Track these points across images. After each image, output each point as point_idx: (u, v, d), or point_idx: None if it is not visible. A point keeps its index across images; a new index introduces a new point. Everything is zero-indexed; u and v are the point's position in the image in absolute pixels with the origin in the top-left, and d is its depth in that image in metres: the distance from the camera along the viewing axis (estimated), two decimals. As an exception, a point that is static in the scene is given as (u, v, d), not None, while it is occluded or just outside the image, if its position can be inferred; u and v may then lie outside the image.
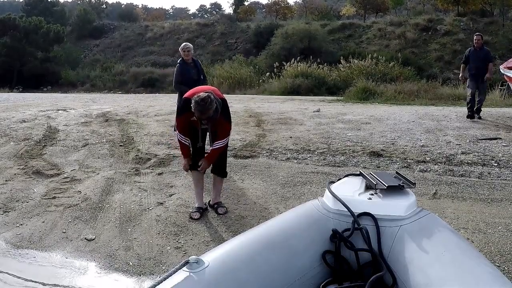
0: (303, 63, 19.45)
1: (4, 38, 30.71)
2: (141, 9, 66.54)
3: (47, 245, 3.36)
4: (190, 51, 5.84)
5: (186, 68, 5.82)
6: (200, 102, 3.21)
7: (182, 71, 5.79)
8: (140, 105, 11.18)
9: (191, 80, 5.59)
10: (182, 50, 5.87)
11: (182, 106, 3.68)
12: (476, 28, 25.45)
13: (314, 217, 1.90)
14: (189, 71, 5.82)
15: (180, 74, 5.78)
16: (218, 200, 3.98)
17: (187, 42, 6.05)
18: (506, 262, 3.02)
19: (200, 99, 3.22)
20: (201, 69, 6.00)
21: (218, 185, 4.02)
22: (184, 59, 5.86)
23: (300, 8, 48.10)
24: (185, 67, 5.83)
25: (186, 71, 5.80)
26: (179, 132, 3.75)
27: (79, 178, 4.93)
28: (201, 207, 3.89)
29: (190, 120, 3.59)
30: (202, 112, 3.25)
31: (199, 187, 3.94)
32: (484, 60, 7.92)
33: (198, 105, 3.22)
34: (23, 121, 7.93)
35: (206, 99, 3.22)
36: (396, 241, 1.73)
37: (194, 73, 5.82)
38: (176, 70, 5.86)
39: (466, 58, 8.16)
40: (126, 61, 33.61)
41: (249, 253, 1.67)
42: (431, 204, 4.10)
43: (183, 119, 3.70)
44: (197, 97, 3.24)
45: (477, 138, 6.47)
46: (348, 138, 6.49)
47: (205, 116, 3.29)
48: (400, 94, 13.86)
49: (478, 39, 8.07)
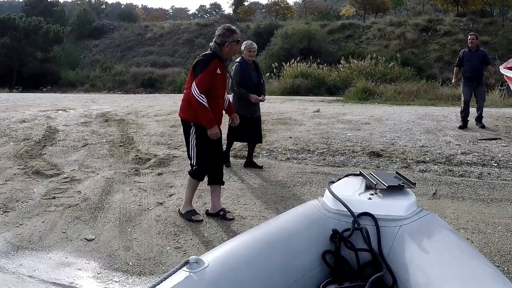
0: (303, 63, 19.46)
1: (4, 38, 30.71)
2: (141, 9, 66.62)
3: (47, 245, 3.36)
4: (255, 51, 5.15)
5: (247, 70, 5.06)
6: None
7: (242, 73, 5.02)
8: (139, 105, 11.18)
9: (252, 84, 5.04)
10: (247, 49, 5.05)
11: (208, 57, 3.54)
12: (475, 29, 25.48)
13: (314, 217, 1.90)
14: (250, 74, 5.06)
15: (240, 76, 4.97)
16: (222, 207, 3.89)
17: (251, 40, 5.27)
18: (506, 262, 3.02)
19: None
20: (260, 72, 5.36)
21: (219, 193, 3.92)
22: (245, 59, 5.08)
23: (299, 8, 48.17)
24: (245, 69, 5.05)
25: (247, 73, 5.05)
26: (201, 92, 3.45)
27: (79, 178, 4.93)
28: (195, 209, 3.87)
29: (215, 75, 3.53)
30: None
31: (193, 193, 3.89)
32: (480, 62, 7.28)
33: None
34: (23, 121, 7.93)
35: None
36: (396, 241, 1.73)
37: (254, 75, 5.12)
38: (235, 71, 4.99)
39: (460, 60, 7.46)
40: (125, 61, 33.64)
41: (249, 253, 1.67)
42: (431, 204, 4.10)
43: (210, 71, 3.49)
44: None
45: (476, 139, 6.48)
46: (347, 138, 6.50)
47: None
48: (400, 94, 13.87)
49: (473, 39, 7.35)
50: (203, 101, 3.46)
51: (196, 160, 3.66)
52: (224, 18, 41.07)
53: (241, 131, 4.95)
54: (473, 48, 7.32)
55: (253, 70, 5.12)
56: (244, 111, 4.91)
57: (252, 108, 5.07)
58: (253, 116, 5.10)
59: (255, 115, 5.15)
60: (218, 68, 3.56)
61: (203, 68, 3.49)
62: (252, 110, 5.08)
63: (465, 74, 7.36)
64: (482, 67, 7.35)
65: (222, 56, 3.59)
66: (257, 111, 5.20)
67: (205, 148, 3.63)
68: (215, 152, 3.71)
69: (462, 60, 7.38)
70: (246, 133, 5.10)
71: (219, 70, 3.58)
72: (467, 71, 7.29)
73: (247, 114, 4.96)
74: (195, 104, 3.48)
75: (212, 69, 3.52)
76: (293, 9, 45.34)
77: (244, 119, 4.79)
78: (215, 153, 3.72)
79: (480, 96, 7.36)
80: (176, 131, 7.23)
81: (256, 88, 5.07)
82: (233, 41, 3.58)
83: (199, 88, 3.45)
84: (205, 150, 3.64)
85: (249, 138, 5.25)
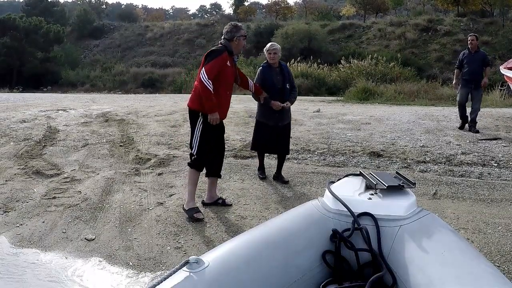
0: (303, 63, 19.47)
1: (4, 38, 30.74)
2: (141, 9, 66.61)
3: (47, 245, 3.36)
4: (276, 53, 4.65)
5: (270, 74, 4.66)
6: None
7: (264, 77, 4.66)
8: (140, 105, 11.18)
9: (274, 88, 4.60)
10: (268, 51, 4.69)
11: (220, 49, 3.74)
12: (476, 28, 25.51)
13: (314, 217, 1.90)
14: (272, 77, 4.65)
15: (261, 80, 4.64)
16: (218, 196, 4.17)
17: (274, 43, 4.85)
18: (506, 262, 3.02)
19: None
20: (288, 77, 4.75)
21: (215, 184, 4.16)
22: (269, 63, 4.70)
23: (300, 8, 48.17)
24: (268, 72, 4.67)
25: (269, 76, 4.65)
26: (209, 78, 3.60)
27: (79, 178, 4.93)
28: (197, 207, 3.94)
29: (225, 66, 3.70)
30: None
31: (195, 187, 3.96)
32: (480, 65, 7.13)
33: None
34: (23, 121, 7.93)
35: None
36: (396, 241, 1.73)
37: (278, 80, 4.65)
38: (257, 75, 4.75)
39: (460, 63, 7.31)
40: (126, 61, 33.65)
41: (249, 253, 1.67)
42: (431, 204, 4.10)
43: (220, 60, 3.68)
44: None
45: (477, 139, 6.48)
46: (348, 138, 6.50)
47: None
48: (400, 95, 13.88)
49: (473, 39, 7.22)
50: (210, 87, 3.59)
51: (197, 150, 3.80)
52: (225, 18, 41.08)
53: (265, 140, 4.68)
54: (473, 50, 7.19)
55: (277, 74, 4.66)
56: (267, 119, 4.64)
57: (276, 116, 4.60)
58: (277, 125, 4.63)
59: (280, 124, 4.65)
60: (228, 61, 3.75)
61: (215, 57, 3.67)
62: (276, 117, 4.61)
63: (463, 76, 7.21)
64: (482, 69, 7.19)
65: (233, 50, 3.81)
66: (283, 120, 4.68)
67: (208, 139, 3.80)
68: (216, 145, 3.92)
69: (462, 62, 7.24)
70: (270, 143, 4.70)
71: (229, 63, 3.77)
72: (466, 74, 7.15)
73: (269, 122, 4.62)
74: (201, 88, 3.61)
75: (223, 59, 3.70)
76: (293, 9, 45.35)
77: (268, 127, 4.60)
78: (217, 146, 3.93)
79: (477, 98, 7.17)
80: (176, 131, 7.23)
81: (280, 93, 4.60)
82: (241, 36, 3.80)
83: (208, 74, 3.60)
84: (208, 141, 3.80)
85: (273, 148, 4.82)
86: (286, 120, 4.71)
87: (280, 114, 4.62)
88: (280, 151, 4.82)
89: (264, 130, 4.61)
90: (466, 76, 7.15)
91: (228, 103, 3.96)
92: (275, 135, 4.65)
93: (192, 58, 33.05)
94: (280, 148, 4.77)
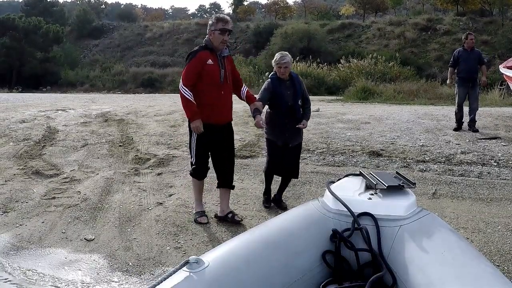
0: (303, 63, 19.46)
1: (4, 38, 30.70)
2: (141, 9, 66.57)
3: (47, 246, 3.36)
4: (288, 67, 3.84)
5: (279, 88, 3.86)
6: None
7: (272, 90, 3.85)
8: (139, 105, 11.18)
9: (284, 105, 3.86)
10: (277, 64, 3.84)
11: (196, 49, 3.53)
12: (475, 28, 25.52)
13: (314, 217, 1.90)
14: (282, 93, 3.85)
15: (270, 94, 3.85)
16: (230, 210, 3.78)
17: (285, 53, 3.92)
18: (506, 261, 3.02)
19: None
20: (300, 91, 3.94)
21: (227, 196, 3.81)
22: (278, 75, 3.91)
23: (299, 8, 48.15)
24: (277, 86, 3.86)
25: (279, 91, 3.85)
26: (185, 85, 3.44)
27: (79, 178, 4.93)
28: (204, 211, 3.85)
29: (203, 65, 3.44)
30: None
31: (201, 194, 3.85)
32: (475, 62, 7.05)
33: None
34: (22, 121, 7.93)
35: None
36: (396, 241, 1.73)
37: (289, 95, 3.86)
38: (263, 87, 3.94)
39: (455, 60, 7.19)
40: (125, 61, 33.62)
41: (249, 253, 1.67)
42: (430, 203, 4.10)
43: (195, 63, 3.45)
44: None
45: (476, 138, 6.48)
46: (347, 138, 6.50)
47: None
48: (400, 94, 13.88)
49: (472, 38, 7.13)
50: (187, 94, 3.43)
51: (194, 158, 3.65)
52: (224, 17, 40.96)
53: (274, 162, 4.01)
54: (469, 48, 7.11)
55: (288, 89, 3.88)
56: (275, 136, 3.94)
57: (285, 135, 3.90)
58: (287, 145, 3.93)
59: (291, 144, 3.94)
60: (209, 59, 3.46)
61: (189, 60, 3.49)
62: (286, 137, 3.91)
63: (460, 75, 7.10)
64: (477, 67, 7.14)
65: (212, 46, 3.50)
66: (294, 139, 3.96)
67: (204, 147, 3.61)
68: (219, 152, 3.66)
69: (458, 60, 7.13)
70: (278, 163, 4.00)
71: (211, 60, 3.46)
72: (463, 72, 7.05)
73: (278, 140, 3.92)
74: (181, 98, 3.49)
75: (200, 59, 3.45)
76: (292, 8, 45.34)
77: (276, 146, 3.95)
78: (219, 153, 3.66)
79: (474, 97, 7.10)
80: (176, 131, 7.23)
81: (291, 111, 3.86)
82: (215, 30, 3.45)
83: (183, 81, 3.45)
84: (204, 148, 3.62)
85: (280, 170, 4.06)
86: (297, 140, 4.02)
87: (291, 133, 3.91)
88: (287, 174, 4.09)
89: (273, 150, 4.00)
90: (463, 74, 7.07)
91: (224, 104, 3.59)
92: (282, 156, 3.97)
93: (191, 58, 32.95)
94: (287, 170, 4.04)
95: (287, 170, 4.04)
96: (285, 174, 4.09)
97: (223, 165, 3.69)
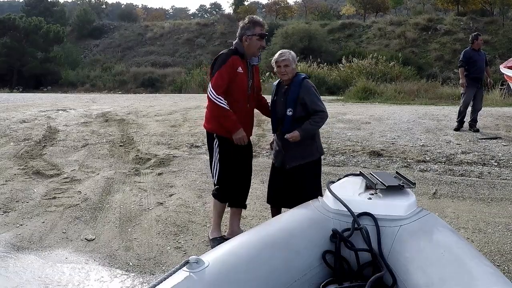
0: (303, 63, 19.45)
1: (4, 38, 30.74)
2: (141, 9, 66.62)
3: (47, 246, 3.36)
4: (288, 65, 3.07)
5: (274, 95, 3.28)
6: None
7: (272, 98, 3.30)
8: (140, 105, 11.18)
9: (274, 115, 3.25)
10: (276, 63, 3.13)
11: (227, 53, 3.07)
12: (476, 28, 25.49)
13: (314, 217, 1.90)
14: (275, 100, 3.24)
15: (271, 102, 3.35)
16: (242, 230, 3.30)
17: (285, 50, 3.17)
18: (506, 262, 3.01)
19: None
20: (294, 99, 3.06)
21: (239, 216, 3.42)
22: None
23: (300, 8, 48.17)
24: (274, 92, 3.28)
25: (272, 98, 3.30)
26: (218, 94, 2.96)
27: (79, 178, 4.93)
28: (222, 236, 3.32)
29: (235, 73, 3.02)
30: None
31: (221, 218, 3.36)
32: (483, 63, 7.05)
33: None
34: (23, 121, 7.94)
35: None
36: (396, 241, 1.73)
37: (280, 104, 3.15)
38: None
39: (467, 60, 6.99)
40: (126, 61, 33.67)
41: (249, 253, 1.67)
42: (431, 203, 4.10)
43: (228, 69, 3.00)
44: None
45: (477, 138, 6.47)
46: (348, 138, 6.49)
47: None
48: (400, 94, 13.87)
49: (481, 39, 7.16)
50: (222, 103, 2.96)
51: (218, 179, 3.16)
52: (224, 17, 41.13)
53: (273, 188, 3.30)
54: (478, 49, 7.09)
55: (282, 96, 3.15)
56: (273, 155, 3.35)
57: (280, 153, 3.19)
58: (283, 166, 3.16)
59: (288, 166, 3.13)
60: (239, 67, 3.05)
61: (220, 65, 3.02)
62: (282, 156, 3.18)
63: (473, 75, 6.97)
64: (485, 68, 7.18)
65: (244, 52, 3.08)
66: (289, 159, 3.13)
67: (230, 166, 3.12)
68: (241, 171, 3.19)
69: (469, 61, 6.98)
70: (277, 190, 3.25)
71: (241, 68, 3.06)
72: (476, 72, 6.96)
73: (275, 161, 3.28)
74: (213, 108, 3.01)
75: (230, 66, 3.01)
76: (293, 8, 45.37)
77: (273, 168, 3.32)
78: (241, 173, 3.20)
79: (480, 98, 7.13)
80: (176, 131, 7.23)
81: (280, 124, 3.16)
82: (252, 35, 3.04)
83: (215, 90, 2.98)
84: (230, 168, 3.13)
85: (280, 200, 3.26)
86: (294, 160, 3.11)
87: (280, 153, 3.19)
88: (288, 206, 2.94)
89: (271, 173, 3.35)
90: (475, 74, 6.98)
91: (250, 119, 3.23)
92: (281, 181, 3.22)
93: (192, 58, 33.08)
94: (290, 200, 3.08)
95: (290, 200, 3.07)
96: (287, 205, 3.12)
97: (239, 184, 3.25)
